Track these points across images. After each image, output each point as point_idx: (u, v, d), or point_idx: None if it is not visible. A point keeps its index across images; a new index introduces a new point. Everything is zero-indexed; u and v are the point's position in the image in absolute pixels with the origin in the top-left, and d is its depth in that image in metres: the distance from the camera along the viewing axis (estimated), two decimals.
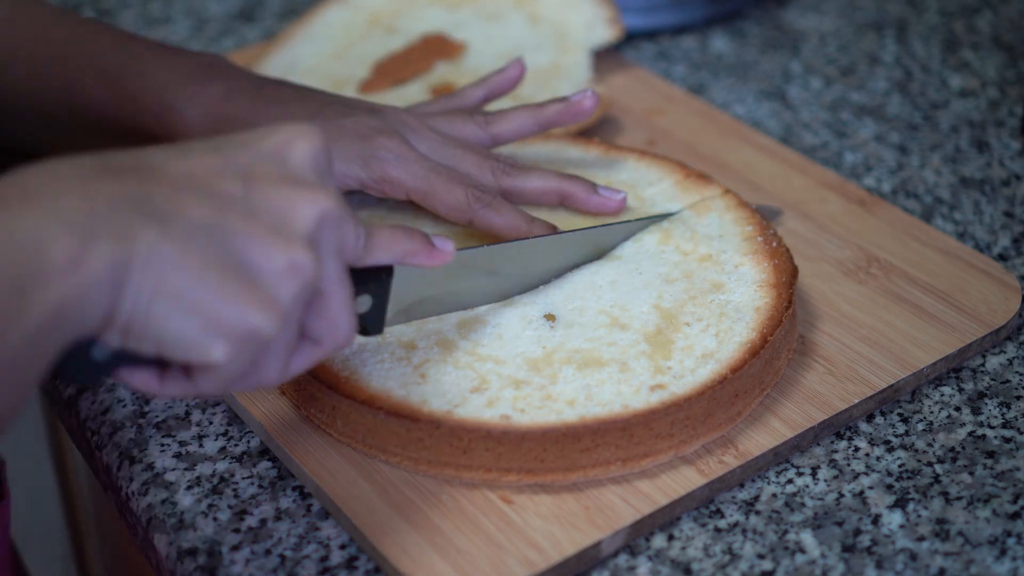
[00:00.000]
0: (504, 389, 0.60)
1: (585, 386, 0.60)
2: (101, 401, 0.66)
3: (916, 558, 0.57)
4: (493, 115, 0.72)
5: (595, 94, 0.72)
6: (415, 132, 0.69)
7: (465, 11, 0.93)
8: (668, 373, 0.61)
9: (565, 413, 0.59)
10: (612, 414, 0.58)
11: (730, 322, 0.63)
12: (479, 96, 0.75)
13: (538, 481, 0.58)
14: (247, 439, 0.64)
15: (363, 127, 0.67)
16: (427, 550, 0.56)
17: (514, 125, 0.72)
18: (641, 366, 0.61)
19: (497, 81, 0.75)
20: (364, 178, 0.67)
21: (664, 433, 0.59)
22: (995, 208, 0.79)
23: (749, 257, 0.67)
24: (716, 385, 0.60)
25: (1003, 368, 0.68)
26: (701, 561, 0.57)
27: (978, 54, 0.95)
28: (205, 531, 0.59)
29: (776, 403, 0.63)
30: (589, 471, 0.59)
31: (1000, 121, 0.87)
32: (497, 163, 0.70)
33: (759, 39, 0.98)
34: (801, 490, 0.61)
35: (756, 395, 0.62)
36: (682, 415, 0.59)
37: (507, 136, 0.72)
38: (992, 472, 0.62)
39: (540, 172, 0.71)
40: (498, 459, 0.58)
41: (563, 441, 0.58)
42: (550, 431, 0.58)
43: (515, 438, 0.58)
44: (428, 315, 0.63)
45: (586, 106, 0.72)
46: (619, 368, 0.61)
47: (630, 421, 0.58)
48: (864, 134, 0.86)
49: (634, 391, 0.60)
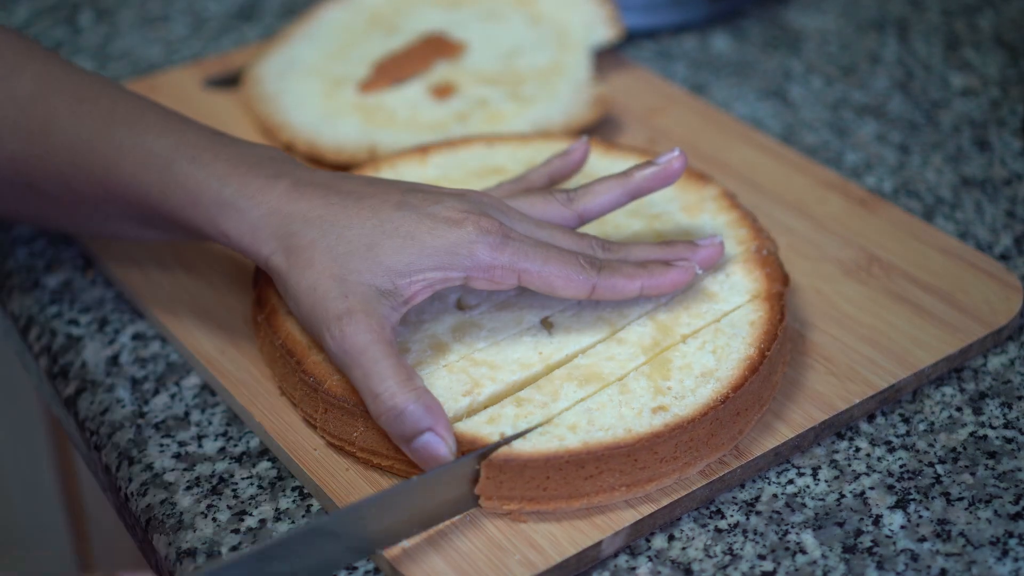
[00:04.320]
0: (506, 406, 0.60)
1: (587, 410, 0.59)
2: (100, 401, 0.66)
3: (917, 559, 0.57)
4: (576, 192, 0.66)
5: (683, 154, 0.67)
6: (505, 214, 0.63)
7: (465, 10, 0.93)
8: (669, 394, 0.60)
9: (568, 439, 0.58)
10: (616, 439, 0.58)
11: (726, 338, 0.63)
12: (542, 181, 0.69)
13: (540, 509, 0.58)
14: (247, 439, 0.64)
15: (455, 213, 0.61)
16: (427, 550, 0.56)
17: (601, 200, 0.66)
18: (641, 387, 0.60)
19: (560, 165, 0.70)
20: (470, 266, 0.61)
21: (668, 456, 0.58)
22: (997, 208, 0.79)
23: (740, 266, 0.67)
24: (718, 405, 0.59)
25: (1004, 368, 0.67)
26: (702, 562, 0.57)
27: (980, 53, 0.95)
28: (204, 532, 0.59)
29: (777, 403, 0.63)
30: (593, 498, 0.58)
31: (1002, 120, 0.87)
32: (597, 240, 0.65)
33: (760, 38, 0.98)
34: (802, 490, 0.61)
35: (756, 412, 0.62)
36: (686, 437, 0.58)
37: (595, 212, 0.66)
38: (994, 473, 0.61)
39: (641, 246, 0.65)
40: (499, 487, 0.57)
41: (566, 469, 0.57)
42: (553, 459, 0.57)
43: (516, 467, 0.57)
44: None
45: (675, 167, 0.66)
46: (619, 390, 0.60)
47: (634, 446, 0.58)
48: (865, 133, 0.86)
49: (636, 414, 0.59)
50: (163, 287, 0.71)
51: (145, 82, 0.89)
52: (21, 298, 0.73)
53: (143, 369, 0.68)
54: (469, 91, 0.85)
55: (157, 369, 0.68)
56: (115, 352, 0.69)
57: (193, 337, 0.68)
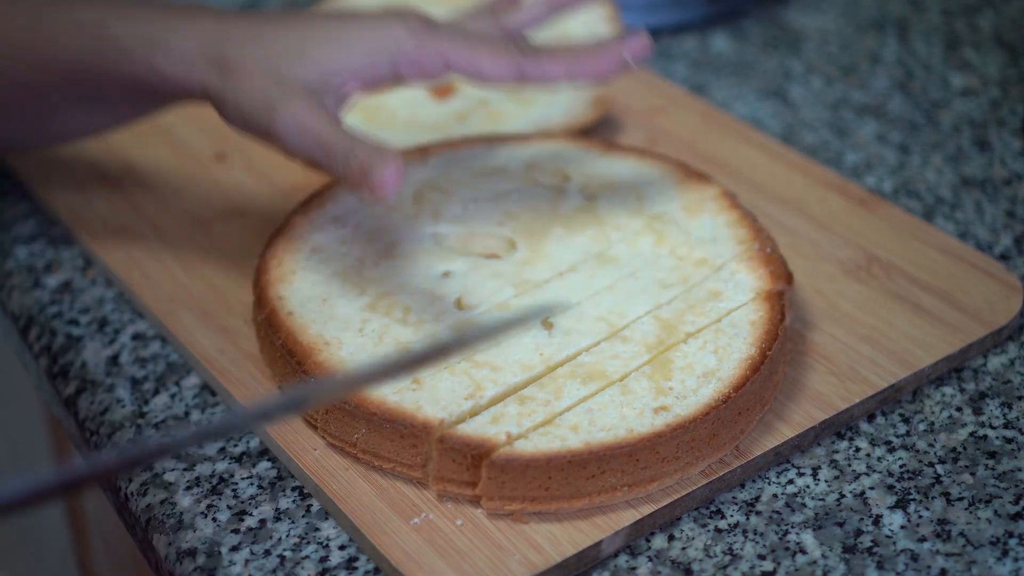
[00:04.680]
0: (509, 405, 0.60)
1: (588, 410, 0.59)
2: (100, 401, 0.66)
3: (917, 559, 0.57)
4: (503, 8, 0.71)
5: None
6: (429, 17, 0.67)
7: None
8: (670, 394, 0.60)
9: (569, 440, 0.58)
10: (618, 439, 0.58)
11: (728, 338, 0.63)
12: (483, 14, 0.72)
13: (542, 509, 0.58)
14: (246, 439, 0.63)
15: (380, 13, 0.65)
16: (427, 550, 0.56)
17: (523, 15, 0.70)
18: (642, 387, 0.60)
19: None
20: (397, 55, 0.64)
21: (670, 456, 0.58)
22: (997, 208, 0.79)
23: (745, 263, 0.67)
24: (720, 404, 0.59)
25: (1004, 368, 0.67)
26: (701, 562, 0.57)
27: (980, 53, 0.95)
28: (204, 532, 0.59)
29: (777, 403, 0.63)
30: (595, 498, 0.58)
31: (1002, 120, 0.87)
32: (524, 37, 0.68)
33: (760, 38, 0.98)
34: (802, 490, 0.61)
35: (757, 412, 0.62)
36: (687, 437, 0.58)
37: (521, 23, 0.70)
38: (994, 473, 0.61)
39: (568, 46, 0.67)
40: (501, 488, 0.57)
41: (568, 469, 0.57)
42: (555, 459, 0.57)
43: (519, 467, 0.57)
44: None
45: None
46: (621, 391, 0.60)
47: (636, 446, 0.57)
48: (865, 133, 0.86)
49: (637, 414, 0.59)
50: (163, 287, 0.71)
51: None
52: (21, 298, 0.73)
53: (143, 369, 0.68)
54: (469, 91, 0.85)
55: (157, 369, 0.68)
56: (115, 352, 0.69)
57: (193, 337, 0.68)
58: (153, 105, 0.69)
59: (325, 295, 0.65)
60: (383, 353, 0.62)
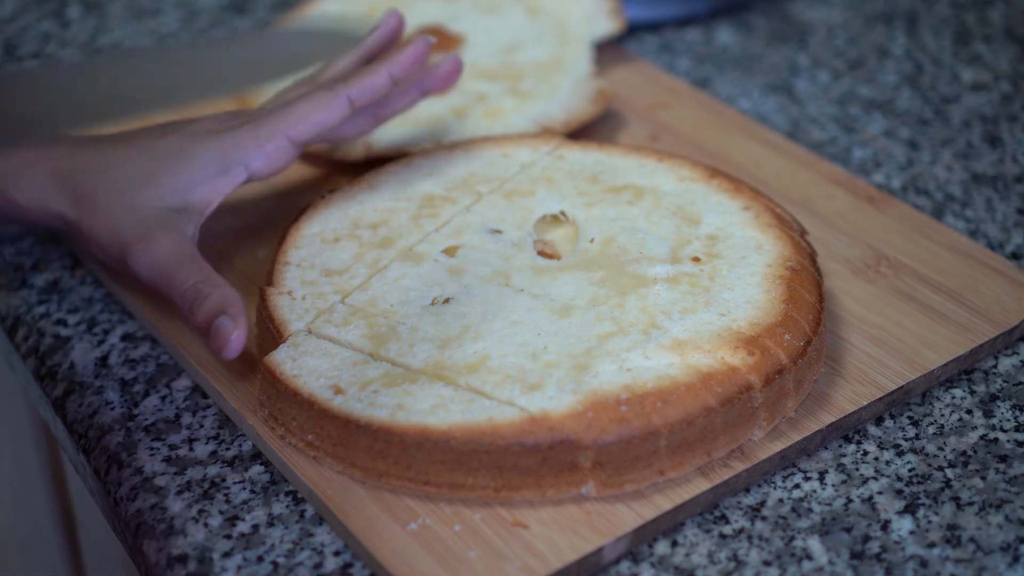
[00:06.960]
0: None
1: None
2: (89, 403, 0.65)
3: (926, 565, 0.56)
4: None
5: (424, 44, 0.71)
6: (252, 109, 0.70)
7: (463, 3, 0.92)
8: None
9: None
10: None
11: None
12: (356, 62, 0.73)
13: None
14: (239, 443, 0.63)
15: (212, 124, 0.68)
16: (424, 556, 0.55)
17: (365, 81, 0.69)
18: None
19: (373, 42, 0.73)
20: (244, 158, 0.67)
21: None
22: (1008, 205, 0.78)
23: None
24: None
25: (1016, 370, 0.66)
26: (705, 568, 0.56)
27: (990, 47, 0.95)
28: (196, 537, 0.58)
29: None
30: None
31: (1013, 116, 0.87)
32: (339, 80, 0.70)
33: (765, 31, 0.97)
34: (808, 495, 0.60)
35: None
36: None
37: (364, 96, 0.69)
38: (1005, 477, 0.61)
39: None
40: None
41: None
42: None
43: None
44: None
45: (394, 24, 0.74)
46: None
47: None
48: (873, 129, 0.86)
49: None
50: None
51: None
52: (8, 298, 0.73)
53: (133, 370, 0.67)
54: (467, 86, 0.84)
55: (147, 370, 0.67)
56: (104, 353, 0.68)
57: (184, 338, 0.67)
58: (26, 225, 0.71)
59: None
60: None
